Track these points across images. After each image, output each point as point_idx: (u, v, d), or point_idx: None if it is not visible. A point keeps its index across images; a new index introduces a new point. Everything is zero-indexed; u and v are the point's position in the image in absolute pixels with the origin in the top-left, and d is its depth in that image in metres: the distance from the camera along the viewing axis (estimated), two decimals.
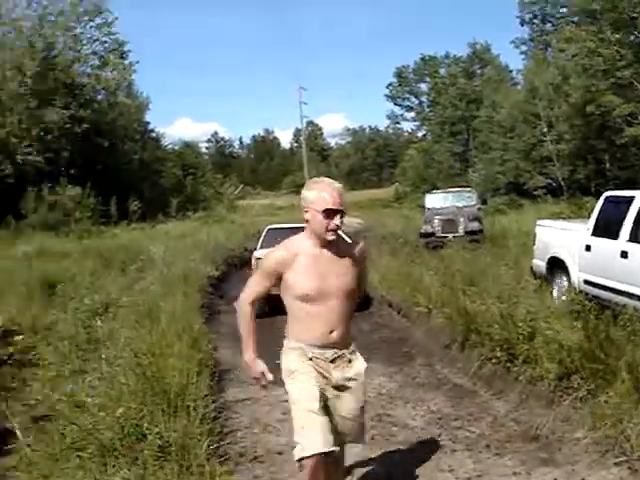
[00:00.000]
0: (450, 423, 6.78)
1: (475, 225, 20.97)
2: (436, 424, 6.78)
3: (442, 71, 71.83)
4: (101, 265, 17.13)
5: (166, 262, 16.43)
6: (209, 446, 5.49)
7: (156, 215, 38.68)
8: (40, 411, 6.80)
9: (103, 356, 7.29)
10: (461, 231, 20.64)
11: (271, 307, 8.10)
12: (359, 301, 4.61)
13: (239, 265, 20.35)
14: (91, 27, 46.87)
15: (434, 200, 23.43)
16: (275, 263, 4.14)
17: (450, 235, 19.74)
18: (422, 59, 75.87)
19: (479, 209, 23.05)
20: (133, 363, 6.92)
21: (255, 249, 14.24)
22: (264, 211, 48.88)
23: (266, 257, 4.26)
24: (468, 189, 26.78)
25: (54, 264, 17.37)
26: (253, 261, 13.49)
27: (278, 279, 4.15)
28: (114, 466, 4.89)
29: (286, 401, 7.52)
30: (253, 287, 4.27)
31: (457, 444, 6.20)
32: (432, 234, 20.95)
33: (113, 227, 32.33)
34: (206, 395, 6.74)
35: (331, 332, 4.17)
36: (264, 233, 14.88)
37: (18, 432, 5.56)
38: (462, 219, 21.08)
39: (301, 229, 4.19)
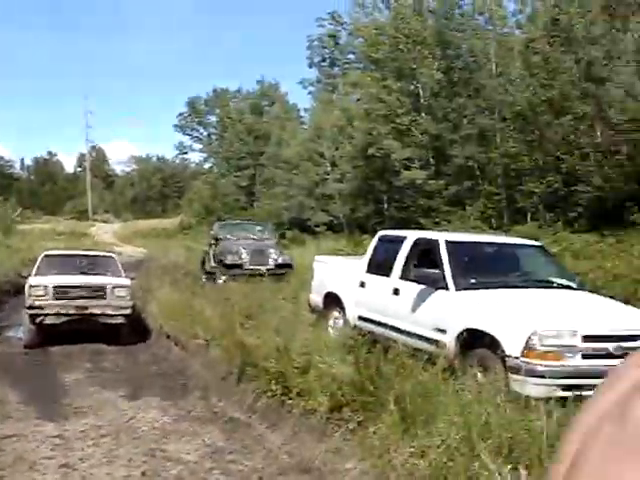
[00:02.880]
0: (224, 457, 6.76)
1: (286, 258, 20.52)
2: (210, 458, 6.72)
3: (233, 105, 72.38)
4: None
5: None
6: None
7: None
8: None
9: None
10: (272, 263, 19.95)
11: None
12: None
13: (12, 292, 19.33)
14: None
15: (226, 230, 22.52)
16: None
17: (262, 267, 18.87)
18: (214, 91, 76.23)
19: (277, 243, 22.51)
20: None
21: (29, 275, 13.62)
22: (44, 236, 46.74)
23: None
24: (261, 222, 26.74)
25: None
26: (27, 288, 12.97)
27: None
28: None
29: (55, 437, 7.32)
30: None
31: (230, 477, 6.19)
32: (240, 265, 19.79)
33: None
34: None
35: None
36: (40, 259, 14.25)
37: None
38: (272, 250, 20.54)
39: (82, 256, 4.01)
